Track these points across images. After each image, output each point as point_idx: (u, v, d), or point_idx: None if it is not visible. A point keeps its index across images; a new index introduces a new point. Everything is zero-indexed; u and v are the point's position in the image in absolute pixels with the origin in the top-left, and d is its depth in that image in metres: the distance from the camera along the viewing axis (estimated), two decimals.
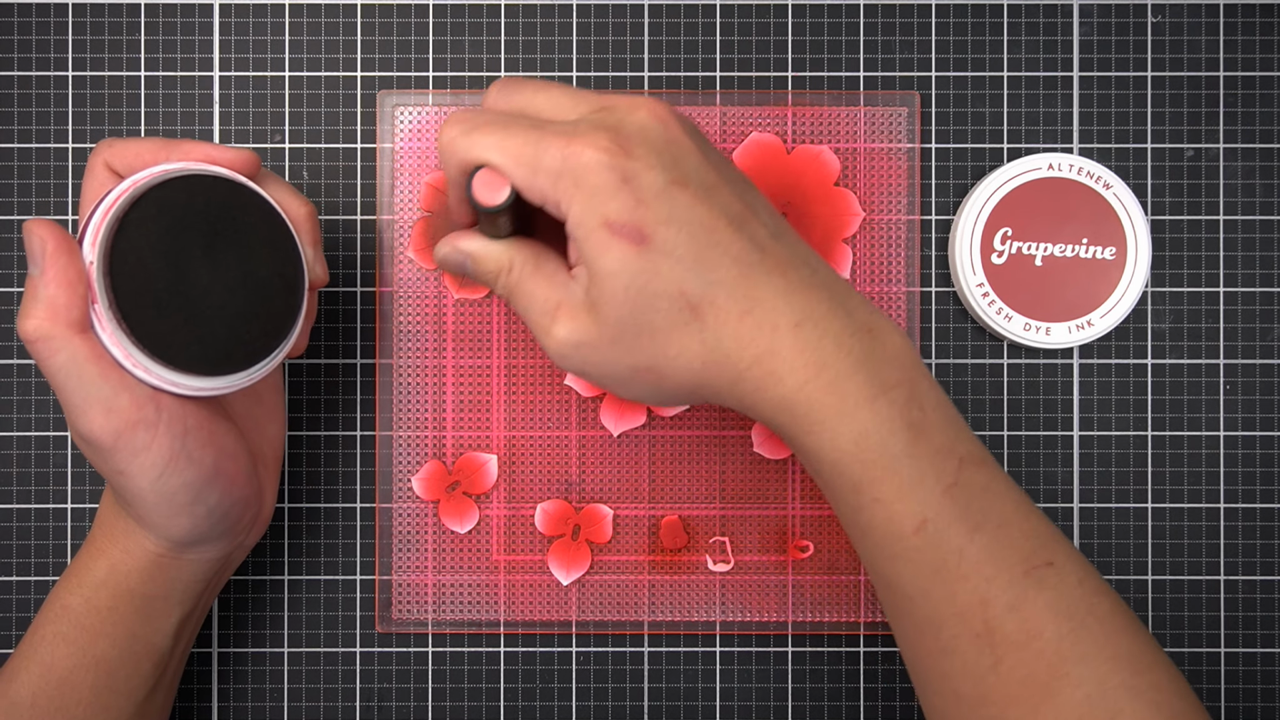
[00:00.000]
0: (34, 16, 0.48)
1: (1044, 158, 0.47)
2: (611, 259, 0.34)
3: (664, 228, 0.34)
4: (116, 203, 0.35)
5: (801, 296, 0.35)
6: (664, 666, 0.48)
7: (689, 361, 0.35)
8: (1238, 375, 0.48)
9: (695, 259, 0.34)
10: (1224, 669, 0.48)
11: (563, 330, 0.35)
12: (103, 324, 0.35)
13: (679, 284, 0.34)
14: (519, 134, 0.34)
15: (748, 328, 0.35)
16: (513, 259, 0.37)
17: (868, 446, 0.35)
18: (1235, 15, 0.48)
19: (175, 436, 0.36)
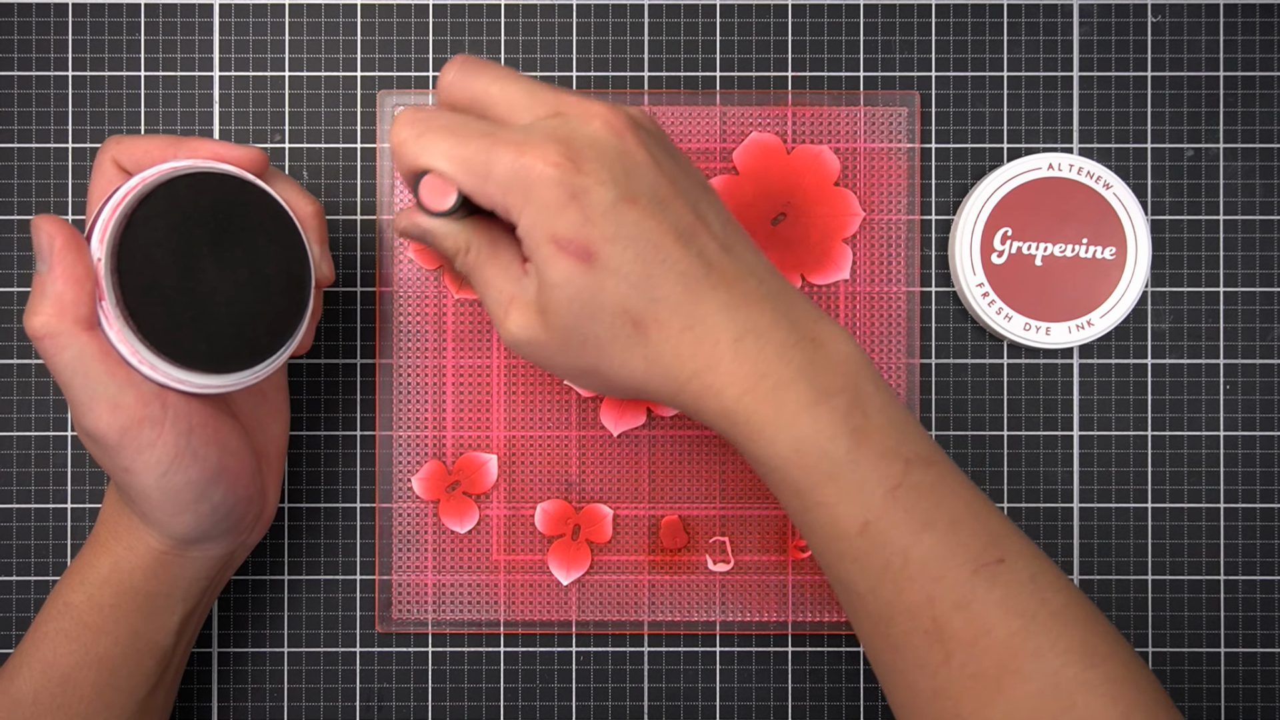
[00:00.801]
0: (34, 16, 0.48)
1: (1044, 158, 0.47)
2: (557, 272, 0.34)
3: (610, 245, 0.34)
4: (125, 200, 0.36)
5: (745, 310, 0.35)
6: (664, 666, 0.48)
7: (631, 372, 0.36)
8: (1238, 375, 0.48)
9: (640, 276, 0.35)
10: (1224, 669, 0.48)
11: (514, 325, 0.36)
12: (110, 321, 0.35)
13: (623, 300, 0.35)
14: (470, 141, 0.35)
15: (688, 343, 0.35)
16: (469, 241, 0.37)
17: (807, 453, 0.35)
18: (1235, 15, 0.48)
19: (180, 433, 0.36)
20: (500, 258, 0.37)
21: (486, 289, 0.37)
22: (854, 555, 0.36)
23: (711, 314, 0.35)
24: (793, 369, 0.35)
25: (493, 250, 0.37)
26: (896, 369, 0.48)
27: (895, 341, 0.48)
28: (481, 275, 0.37)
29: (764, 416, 0.35)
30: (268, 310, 0.38)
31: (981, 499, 0.37)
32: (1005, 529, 0.37)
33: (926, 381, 0.48)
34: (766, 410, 0.35)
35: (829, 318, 0.37)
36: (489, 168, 0.34)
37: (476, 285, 0.38)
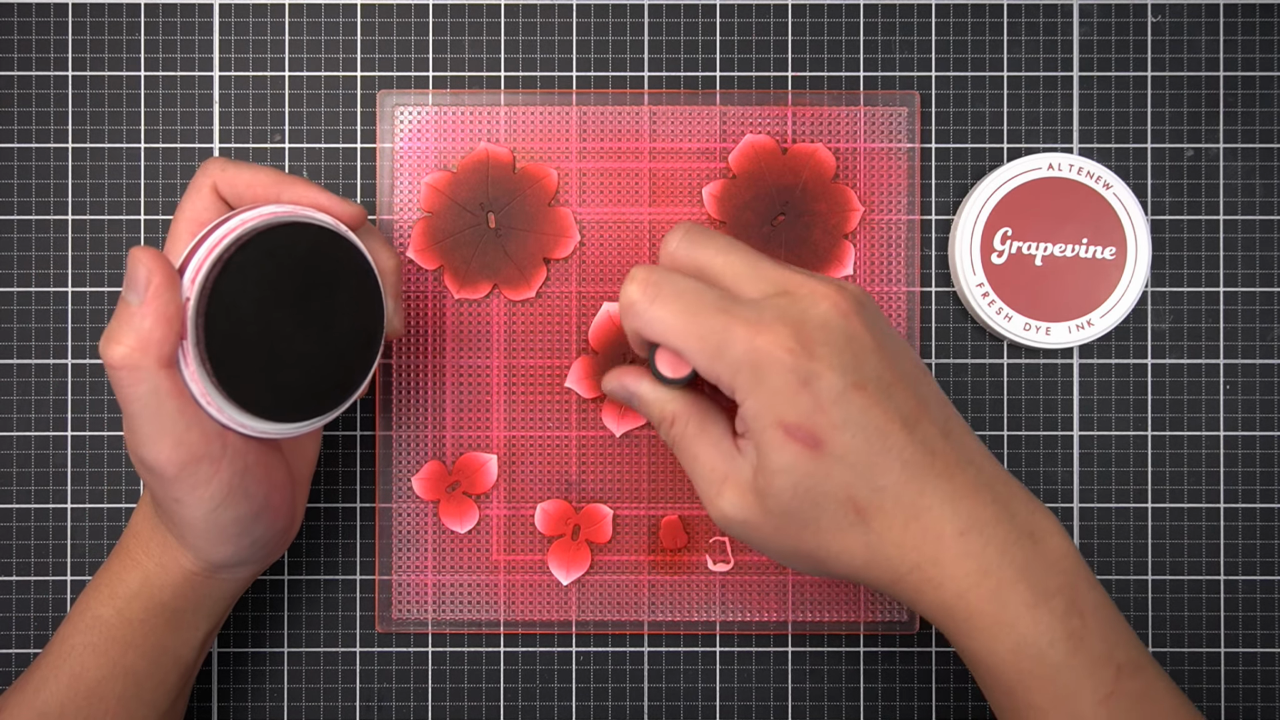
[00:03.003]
0: (34, 16, 0.48)
1: (1044, 158, 0.47)
2: (783, 458, 0.34)
3: (838, 433, 0.34)
4: (222, 242, 0.35)
5: (968, 502, 0.35)
6: (664, 666, 0.48)
7: (851, 559, 0.36)
8: (1238, 375, 0.48)
9: (866, 464, 0.34)
10: (1224, 669, 0.48)
11: (728, 505, 0.36)
12: (187, 361, 0.35)
13: (848, 488, 0.35)
14: (704, 317, 0.34)
15: (912, 535, 0.35)
16: (677, 412, 0.37)
17: (1025, 656, 0.35)
18: (1235, 15, 0.48)
19: (235, 473, 0.37)
20: (711, 432, 0.37)
21: (696, 463, 0.37)
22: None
23: (935, 505, 0.35)
24: (1014, 569, 0.35)
25: (702, 423, 0.37)
26: None
27: None
28: (690, 449, 0.37)
29: (986, 616, 0.35)
30: (339, 365, 0.38)
31: (1188, 707, 0.37)
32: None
33: None
34: (989, 610, 0.35)
35: (1045, 508, 0.37)
36: (722, 348, 0.34)
37: (683, 456, 0.37)
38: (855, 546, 0.35)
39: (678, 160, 0.48)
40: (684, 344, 0.35)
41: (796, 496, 0.35)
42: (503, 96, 0.48)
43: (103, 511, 0.48)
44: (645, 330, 0.35)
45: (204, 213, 0.38)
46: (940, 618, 0.36)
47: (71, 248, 0.48)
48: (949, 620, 0.36)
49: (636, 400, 0.38)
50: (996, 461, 0.37)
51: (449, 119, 0.48)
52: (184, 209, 0.38)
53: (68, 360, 0.48)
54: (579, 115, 0.48)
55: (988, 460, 0.37)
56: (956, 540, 0.35)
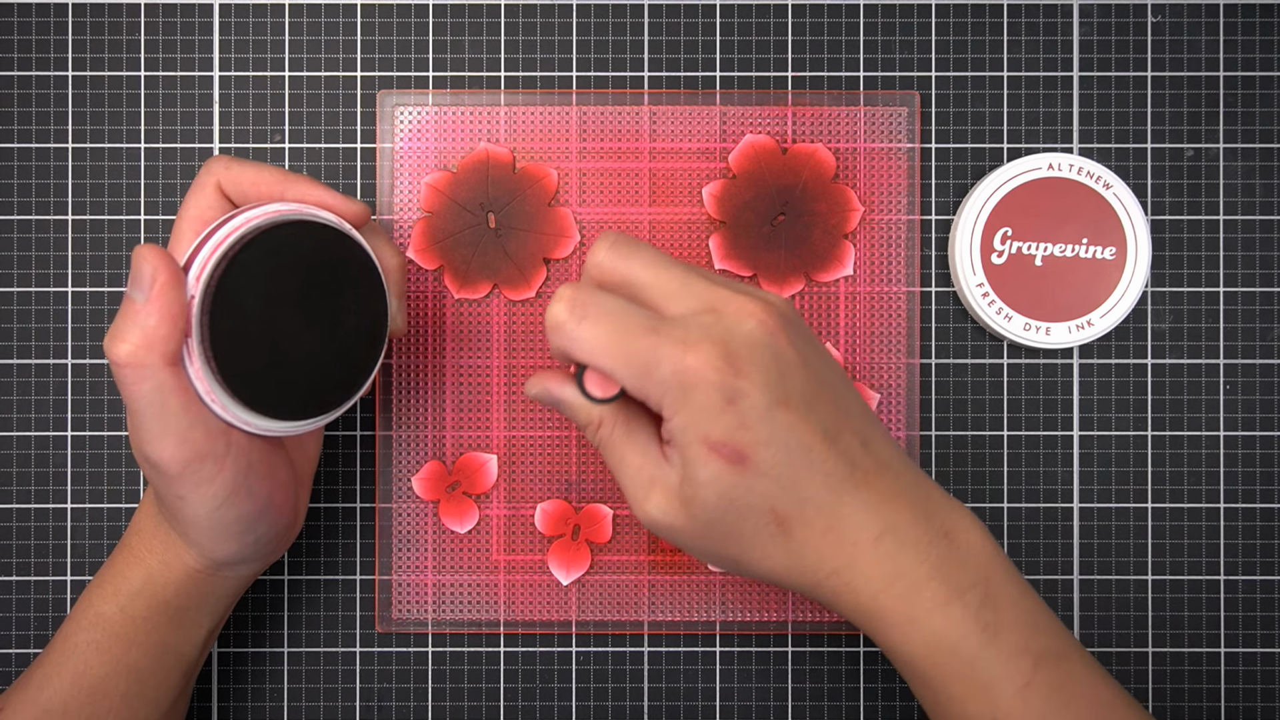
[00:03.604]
0: (34, 16, 0.48)
1: (1044, 158, 0.47)
2: (708, 471, 0.35)
3: (763, 449, 0.35)
4: (227, 240, 0.35)
5: (885, 508, 0.36)
6: (664, 666, 0.48)
7: (771, 565, 0.37)
8: (1238, 375, 0.48)
9: (790, 478, 0.35)
10: (1224, 669, 0.48)
11: (655, 509, 0.37)
12: (192, 358, 0.35)
13: (770, 500, 0.35)
14: (633, 337, 0.35)
15: (830, 543, 0.36)
16: (604, 416, 0.38)
17: (938, 650, 0.36)
18: (1235, 15, 0.48)
19: (239, 471, 0.37)
20: (638, 437, 0.37)
21: (622, 466, 0.37)
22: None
23: (854, 513, 0.36)
24: (927, 567, 0.36)
25: (629, 428, 0.37)
26: (896, 369, 0.48)
27: (895, 341, 0.48)
28: (617, 452, 0.38)
29: (899, 614, 0.36)
30: (343, 363, 0.38)
31: (1113, 691, 0.37)
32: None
33: (926, 381, 0.48)
34: (901, 609, 0.36)
35: (961, 506, 0.38)
36: (650, 368, 0.34)
37: (610, 459, 0.38)
38: (776, 554, 0.36)
39: (678, 160, 0.48)
40: (612, 364, 0.35)
41: (721, 507, 0.35)
42: (503, 96, 0.48)
43: (103, 511, 0.48)
44: (573, 350, 0.35)
45: (208, 211, 0.38)
46: (858, 619, 0.37)
47: (71, 248, 0.48)
48: (865, 621, 0.37)
49: (563, 406, 0.38)
50: (915, 466, 0.38)
51: (449, 119, 0.48)
52: (188, 207, 0.38)
53: (68, 360, 0.48)
54: (579, 115, 0.48)
55: (906, 466, 0.38)
56: (872, 545, 0.36)
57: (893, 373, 0.48)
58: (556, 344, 0.36)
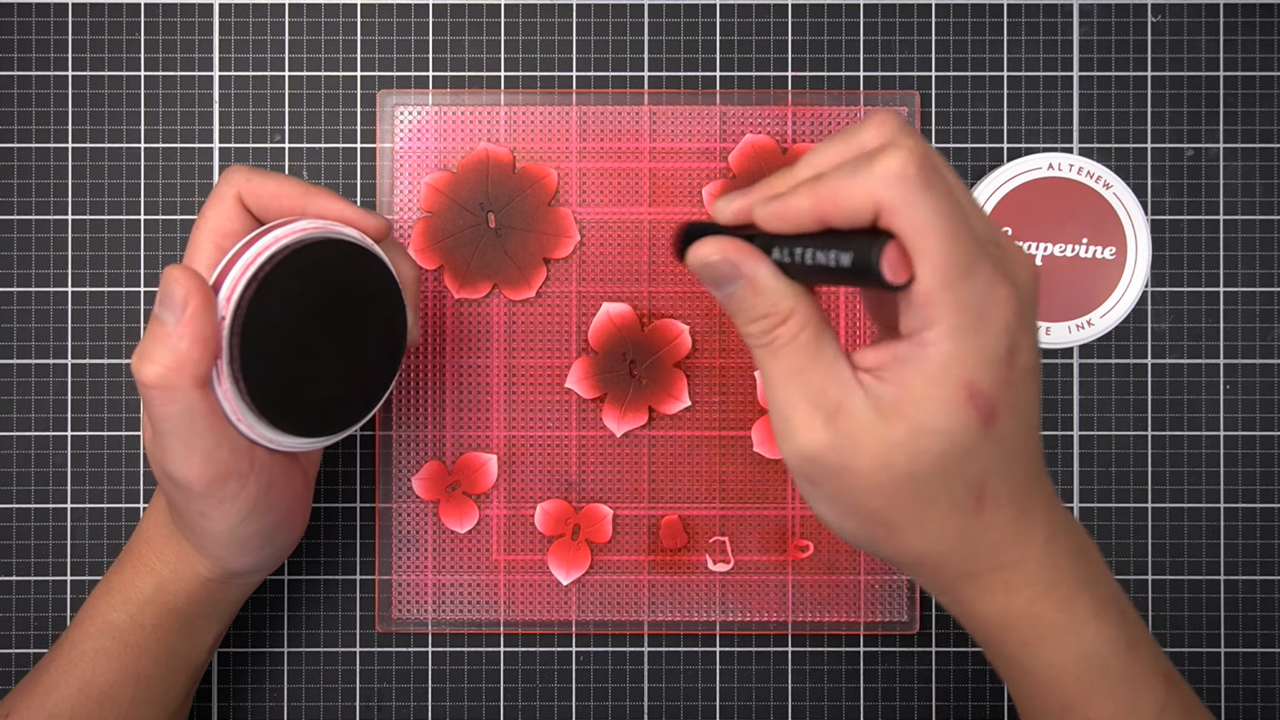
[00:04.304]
0: (34, 16, 0.48)
1: (1044, 157, 0.47)
2: (950, 421, 0.30)
3: (1009, 415, 0.30)
4: (256, 260, 0.35)
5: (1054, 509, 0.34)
6: (664, 666, 0.48)
7: (937, 542, 0.32)
8: (1238, 375, 0.48)
9: (1011, 454, 0.31)
10: (1224, 669, 0.48)
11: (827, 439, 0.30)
12: (221, 380, 0.35)
13: (984, 472, 0.31)
14: (967, 232, 0.29)
15: (1011, 535, 0.32)
16: (795, 310, 0.31)
17: (1090, 666, 0.33)
18: (1235, 15, 0.48)
19: (261, 487, 0.37)
20: (826, 350, 0.31)
21: (798, 380, 0.31)
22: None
23: (1038, 508, 0.33)
24: (1082, 576, 0.33)
25: (819, 335, 0.31)
26: None
27: None
28: (796, 360, 0.31)
29: (1054, 625, 0.33)
30: (364, 379, 0.38)
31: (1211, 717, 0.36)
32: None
33: None
34: (1058, 619, 0.33)
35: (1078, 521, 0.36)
36: (969, 274, 0.29)
37: (780, 367, 0.31)
38: (950, 534, 0.31)
39: (678, 160, 0.48)
40: (937, 252, 0.28)
41: (935, 464, 0.30)
42: (503, 96, 0.48)
43: (103, 511, 0.48)
44: (900, 212, 0.28)
45: (227, 223, 0.37)
46: (998, 626, 0.33)
47: (71, 248, 0.48)
48: (1012, 629, 0.33)
49: (747, 286, 0.31)
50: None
51: (449, 119, 0.48)
52: (207, 218, 0.37)
53: (68, 360, 0.48)
54: (579, 115, 0.48)
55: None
56: (1044, 546, 0.33)
57: None
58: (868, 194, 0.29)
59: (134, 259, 0.48)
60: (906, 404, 0.30)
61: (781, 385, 0.31)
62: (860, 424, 0.30)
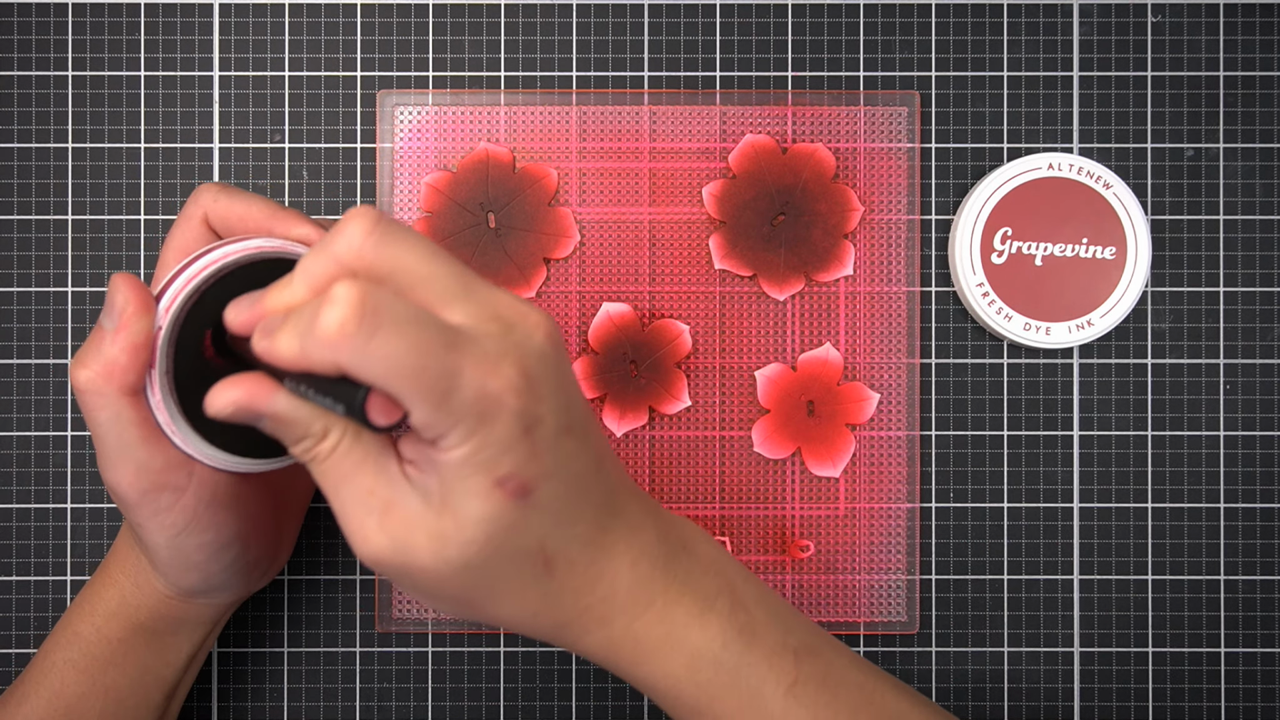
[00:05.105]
0: (34, 16, 0.48)
1: (1044, 157, 0.47)
2: (485, 508, 0.30)
3: (547, 482, 0.31)
4: (201, 274, 0.34)
5: (637, 531, 0.34)
6: None
7: (520, 609, 0.33)
8: (1238, 375, 0.48)
9: (565, 512, 0.32)
10: (1224, 669, 0.48)
11: (388, 541, 0.30)
12: (154, 389, 0.34)
13: (541, 539, 0.31)
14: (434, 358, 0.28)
15: (589, 579, 0.33)
16: (329, 428, 0.31)
17: (701, 666, 0.34)
18: (1235, 15, 0.48)
19: (200, 501, 0.36)
20: (369, 451, 0.31)
21: (347, 486, 0.31)
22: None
23: (615, 542, 0.33)
24: (677, 585, 0.34)
25: (358, 441, 0.31)
26: (896, 369, 0.48)
27: (895, 341, 0.48)
28: (340, 468, 0.31)
29: (655, 638, 0.34)
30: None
31: (869, 673, 0.36)
32: (902, 705, 0.36)
33: (926, 381, 0.48)
34: (658, 632, 0.34)
35: (685, 519, 0.37)
36: (450, 393, 0.28)
37: (330, 478, 0.31)
38: (530, 599, 0.33)
39: (678, 160, 0.48)
40: (409, 390, 0.28)
41: (486, 550, 0.30)
42: (503, 96, 0.48)
43: (103, 511, 0.48)
44: (361, 369, 0.28)
45: (193, 243, 0.37)
46: (608, 654, 0.34)
47: (71, 248, 0.48)
48: (618, 655, 0.34)
49: (270, 420, 0.31)
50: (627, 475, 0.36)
51: (449, 119, 0.48)
52: (173, 238, 0.37)
53: (68, 360, 0.48)
54: (579, 115, 0.48)
55: (633, 485, 0.35)
56: (629, 571, 0.34)
57: (893, 373, 0.48)
58: (331, 358, 0.28)
59: (134, 259, 0.48)
60: (447, 496, 0.30)
61: (333, 496, 0.31)
62: (412, 519, 0.30)
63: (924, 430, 0.48)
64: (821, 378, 0.47)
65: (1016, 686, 0.48)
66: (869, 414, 0.47)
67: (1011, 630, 0.48)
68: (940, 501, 0.48)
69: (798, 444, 0.47)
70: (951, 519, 0.48)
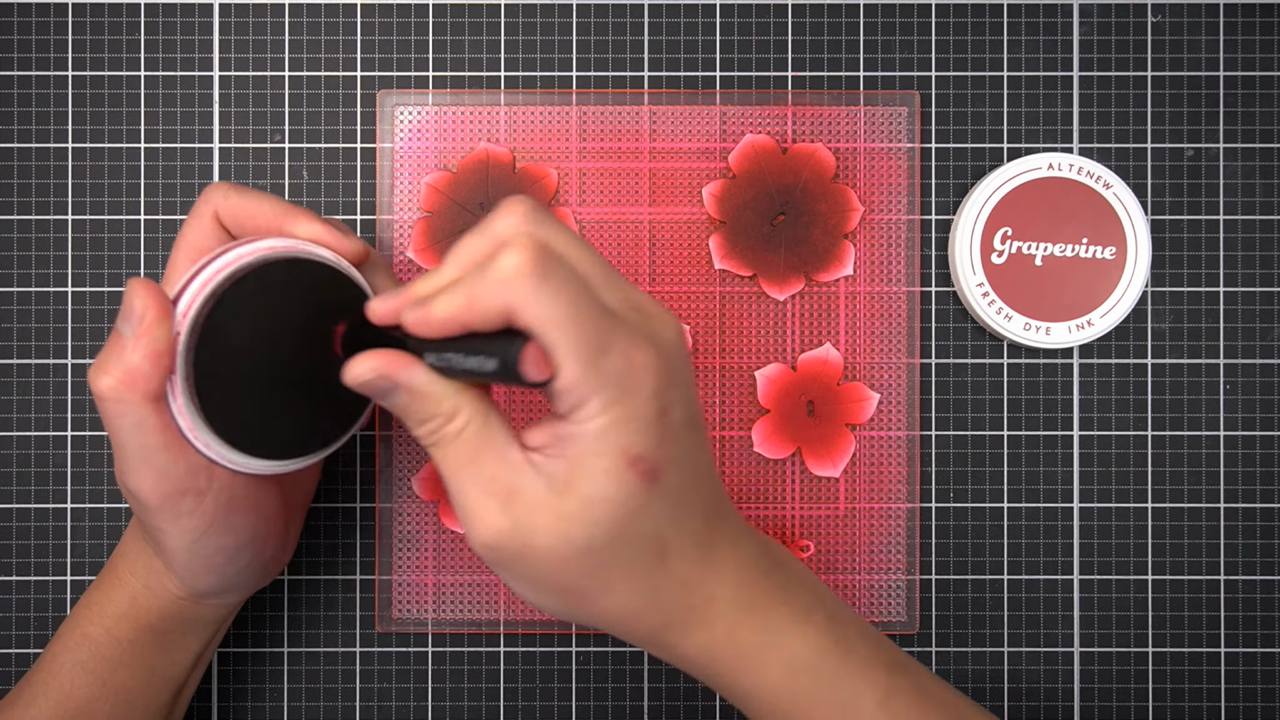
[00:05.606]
0: (34, 16, 0.48)
1: (1044, 157, 0.47)
2: (616, 488, 0.31)
3: (672, 469, 0.32)
4: (217, 276, 0.34)
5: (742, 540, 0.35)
6: (664, 666, 0.48)
7: (629, 601, 0.33)
8: (1238, 375, 0.48)
9: (683, 505, 0.33)
10: (1224, 669, 0.48)
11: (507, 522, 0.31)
12: (175, 395, 0.34)
13: (660, 528, 0.32)
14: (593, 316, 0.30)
15: (699, 576, 0.34)
16: (459, 408, 0.32)
17: (798, 674, 0.34)
18: (1235, 15, 0.48)
19: (220, 506, 0.36)
20: (496, 436, 0.32)
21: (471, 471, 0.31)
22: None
23: (724, 544, 0.34)
24: (777, 594, 0.35)
25: (487, 423, 0.32)
26: (896, 369, 0.48)
27: (895, 341, 0.48)
28: (467, 452, 0.32)
29: (754, 645, 0.34)
30: (333, 403, 0.37)
31: (955, 693, 0.37)
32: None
33: (926, 381, 0.48)
34: (756, 640, 0.34)
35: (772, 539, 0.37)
36: (602, 355, 0.30)
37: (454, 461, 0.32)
38: (640, 590, 0.33)
39: (678, 160, 0.48)
40: (570, 341, 0.29)
41: (612, 529, 0.31)
42: (503, 96, 0.48)
43: (103, 511, 0.48)
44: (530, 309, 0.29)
45: (204, 241, 0.37)
46: (707, 660, 0.34)
47: (71, 248, 0.48)
48: (717, 661, 0.34)
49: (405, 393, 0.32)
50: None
51: (449, 119, 0.48)
52: (184, 236, 0.37)
53: (68, 360, 0.48)
54: (579, 115, 0.48)
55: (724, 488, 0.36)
56: (734, 576, 0.34)
57: (893, 373, 0.48)
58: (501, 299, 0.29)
59: (134, 259, 0.48)
60: (575, 478, 0.31)
61: (455, 479, 0.32)
62: (535, 503, 0.31)
63: (924, 430, 0.48)
64: (821, 378, 0.47)
65: (1016, 686, 0.48)
66: (869, 414, 0.47)
67: (1011, 630, 0.48)
68: (940, 501, 0.48)
69: (798, 444, 0.47)
70: (951, 519, 0.48)
